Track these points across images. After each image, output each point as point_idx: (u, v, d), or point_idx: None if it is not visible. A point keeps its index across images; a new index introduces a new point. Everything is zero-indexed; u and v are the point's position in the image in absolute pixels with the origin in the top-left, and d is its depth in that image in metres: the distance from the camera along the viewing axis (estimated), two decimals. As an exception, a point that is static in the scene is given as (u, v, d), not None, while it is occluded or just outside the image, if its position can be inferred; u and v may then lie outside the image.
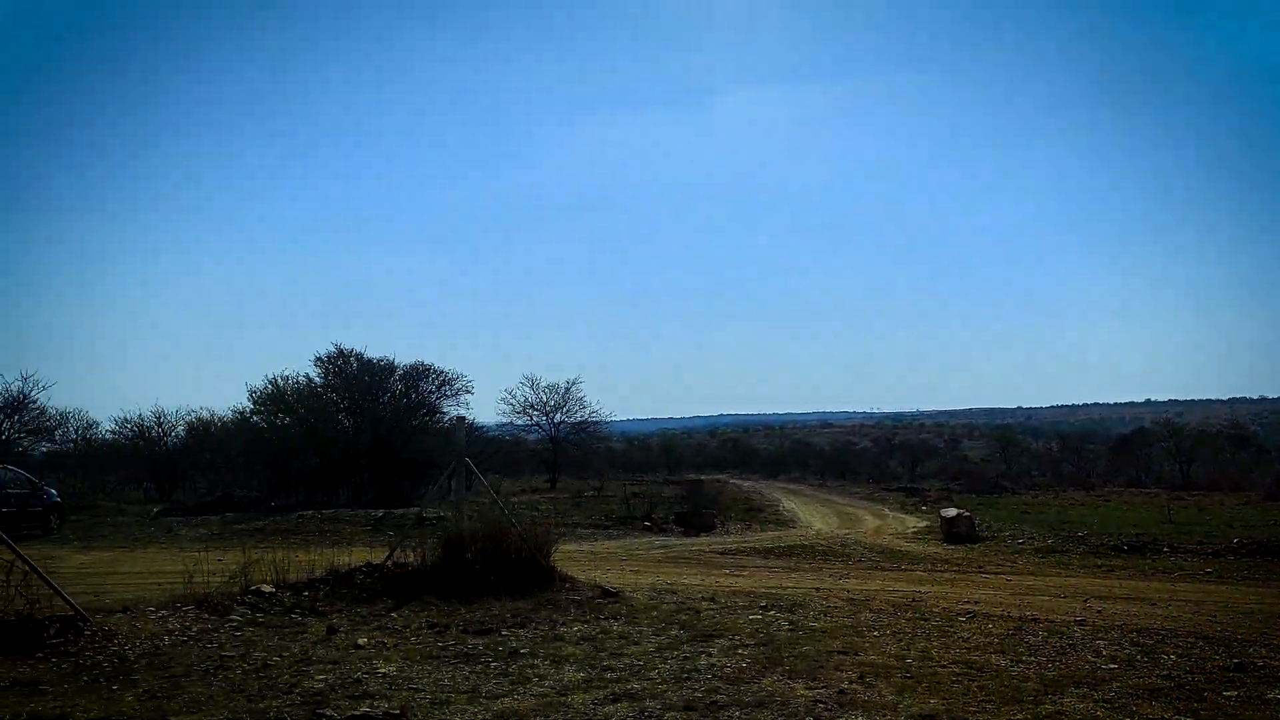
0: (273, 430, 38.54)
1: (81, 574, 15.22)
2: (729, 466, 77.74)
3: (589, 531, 27.42)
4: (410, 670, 7.22)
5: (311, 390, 39.25)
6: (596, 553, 21.46)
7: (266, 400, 38.86)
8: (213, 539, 23.30)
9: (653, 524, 29.33)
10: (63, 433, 46.25)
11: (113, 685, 6.75)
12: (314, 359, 39.78)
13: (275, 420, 38.80)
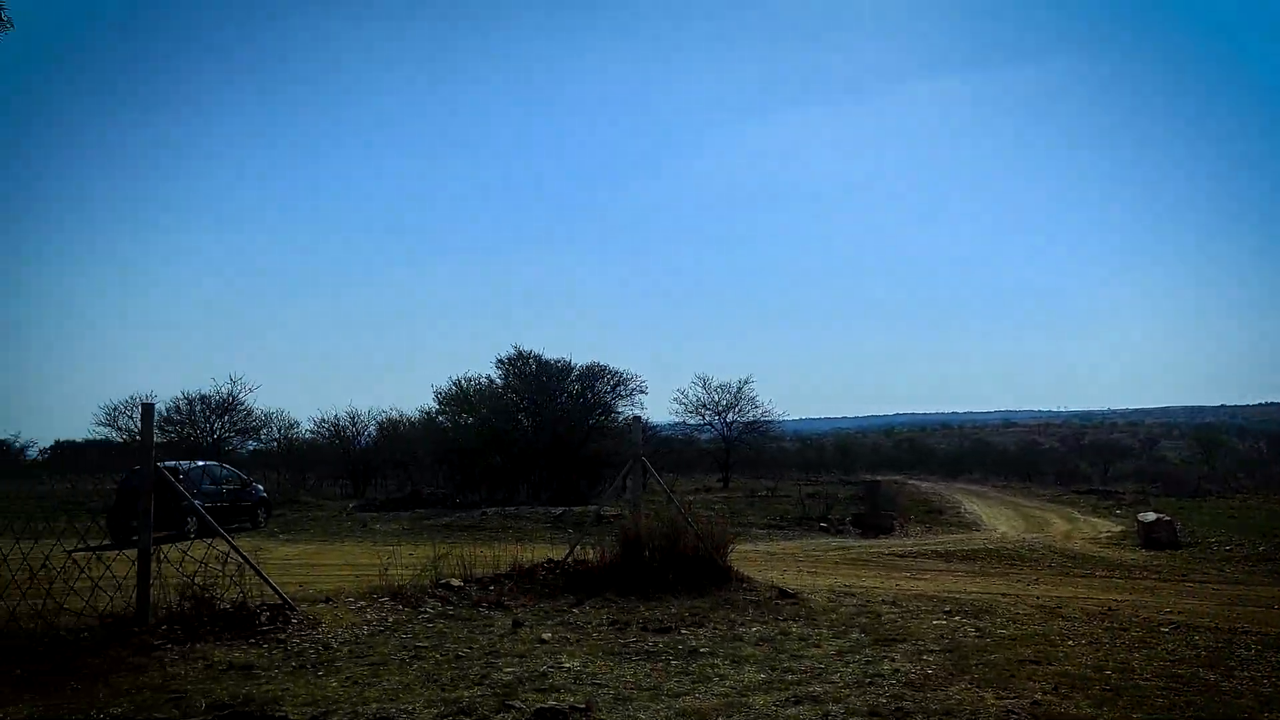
0: (456, 430, 40.10)
1: (287, 565, 16.22)
2: (906, 467, 75.82)
3: (764, 531, 27.29)
4: (593, 666, 7.36)
5: (493, 391, 40.62)
6: (772, 553, 21.34)
7: (451, 401, 40.47)
8: (404, 534, 24.41)
9: (829, 525, 28.93)
10: (267, 432, 49.46)
11: (318, 671, 7.17)
12: (495, 361, 41.21)
13: (459, 420, 40.35)
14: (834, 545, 24.41)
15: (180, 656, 7.60)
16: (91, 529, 19.02)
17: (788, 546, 23.72)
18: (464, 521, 27.33)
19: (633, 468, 12.40)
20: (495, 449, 39.02)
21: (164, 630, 8.22)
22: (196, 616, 8.53)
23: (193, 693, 6.48)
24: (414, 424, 46.40)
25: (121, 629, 8.14)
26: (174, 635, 8.15)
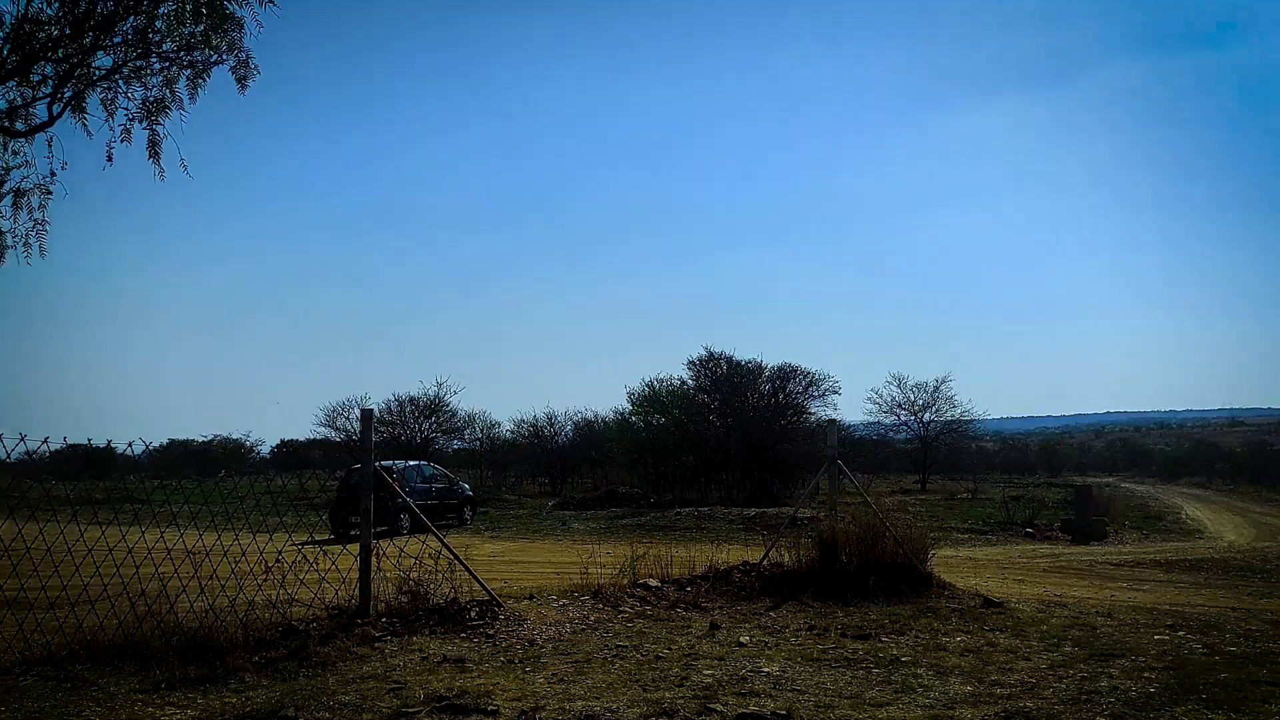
0: (649, 430, 40.68)
1: (492, 562, 16.89)
2: (1118, 469, 71.69)
3: (965, 536, 26.40)
4: (792, 671, 7.33)
5: (684, 392, 41.01)
6: (975, 559, 20.62)
7: (643, 402, 41.09)
8: (601, 532, 24.96)
9: (1035, 530, 27.70)
10: (470, 432, 51.63)
11: (525, 667, 7.44)
12: (686, 362, 41.58)
13: (651, 421, 40.92)
14: (1041, 552, 23.35)
15: (399, 648, 8.05)
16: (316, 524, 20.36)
17: (991, 553, 22.86)
18: (658, 521, 27.69)
19: (828, 469, 12.27)
20: (687, 449, 39.36)
21: (383, 623, 8.73)
22: (413, 610, 9.01)
23: (411, 684, 6.86)
24: (608, 424, 47.38)
25: (346, 620, 8.69)
26: (392, 628, 8.64)
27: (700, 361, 41.02)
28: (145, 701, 6.60)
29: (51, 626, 8.13)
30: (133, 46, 6.16)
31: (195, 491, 12.31)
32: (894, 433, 54.52)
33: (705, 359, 40.90)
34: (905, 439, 54.63)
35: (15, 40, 5.73)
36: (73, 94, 6.11)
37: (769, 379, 40.72)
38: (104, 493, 23.87)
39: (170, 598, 8.29)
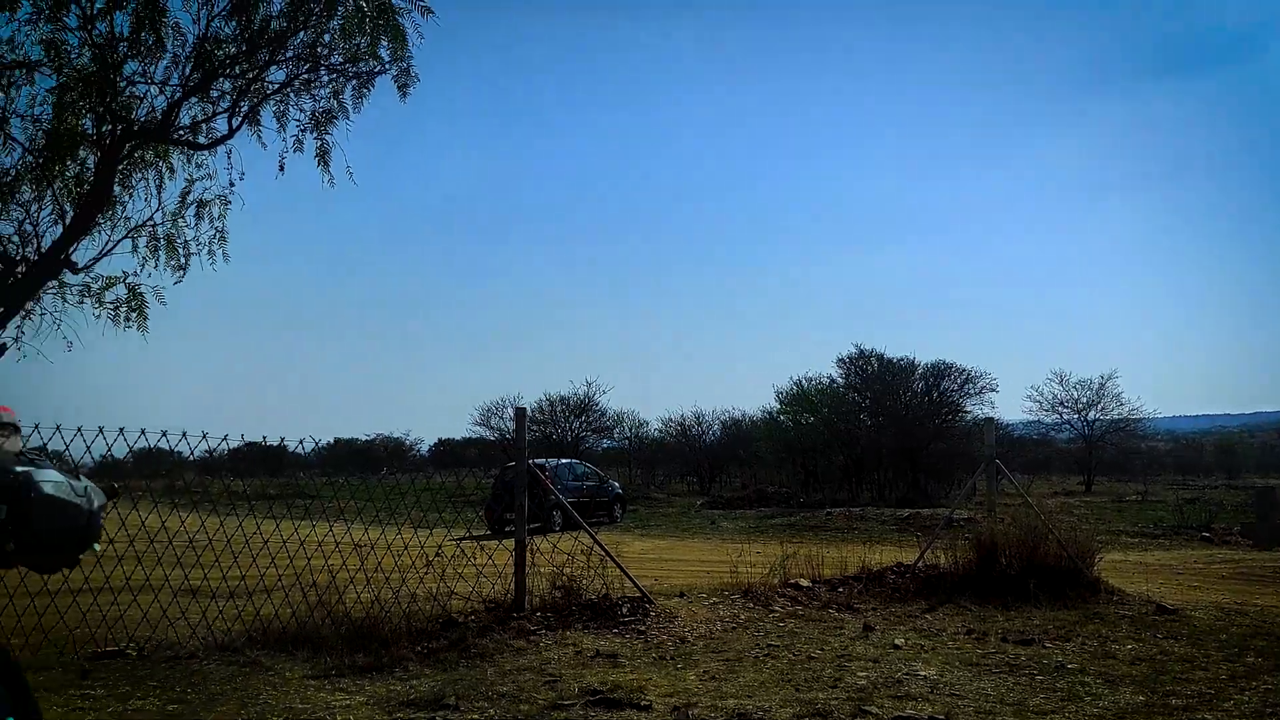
0: (798, 429, 40.30)
1: (642, 559, 17.03)
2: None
3: (1134, 540, 25.14)
4: (950, 675, 7.14)
5: (834, 390, 40.45)
6: (1145, 564, 19.60)
7: (792, 400, 40.75)
8: (750, 531, 24.86)
9: (1212, 535, 26.15)
10: (619, 431, 52.22)
11: (677, 664, 7.48)
12: (835, 360, 41.02)
13: (800, 420, 40.52)
14: (1220, 557, 22.01)
15: (553, 642, 8.22)
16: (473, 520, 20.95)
17: (1163, 557, 21.69)
18: (808, 521, 27.39)
19: (986, 469, 11.89)
20: (837, 448, 38.82)
21: (538, 617, 8.92)
22: (566, 605, 9.18)
23: (566, 677, 6.99)
24: (755, 423, 47.16)
25: (502, 614, 8.92)
26: (547, 622, 8.82)
27: (850, 359, 40.42)
28: (317, 687, 6.93)
29: (231, 614, 8.63)
30: (303, 60, 6.50)
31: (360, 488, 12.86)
32: (1056, 432, 52.37)
33: (855, 357, 40.28)
34: (1068, 439, 52.41)
35: (197, 59, 6.12)
36: (249, 108, 6.49)
37: (922, 376, 39.76)
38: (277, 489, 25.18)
39: (339, 589, 8.68)
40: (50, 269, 5.75)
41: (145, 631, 8.23)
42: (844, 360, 40.55)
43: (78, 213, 5.84)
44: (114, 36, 5.85)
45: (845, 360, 40.52)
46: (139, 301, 6.44)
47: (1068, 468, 53.44)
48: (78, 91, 5.90)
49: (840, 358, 40.69)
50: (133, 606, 8.40)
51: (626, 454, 53.52)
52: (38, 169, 5.74)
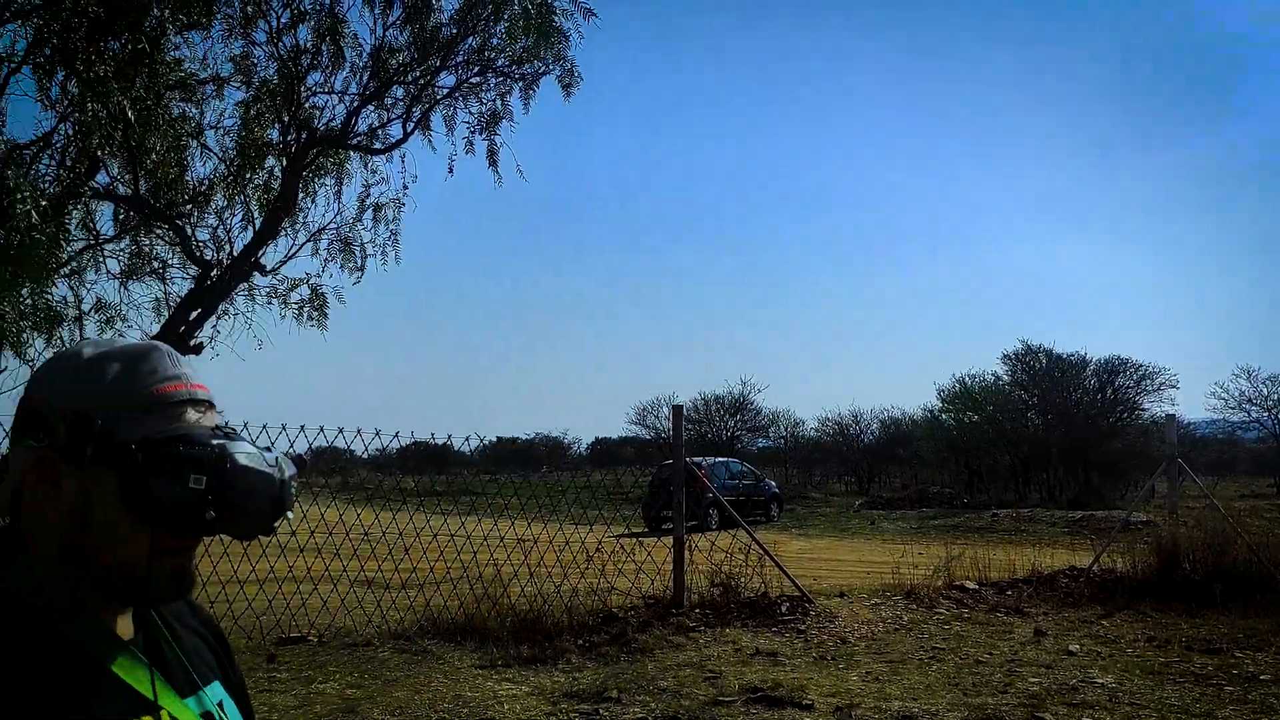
0: (960, 428, 39.11)
1: (800, 559, 16.86)
2: None
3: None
4: (1130, 684, 6.79)
5: (998, 387, 39.08)
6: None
7: (954, 398, 39.58)
8: (911, 532, 24.29)
9: None
10: (774, 430, 51.86)
11: (838, 664, 7.38)
12: (1000, 356, 39.64)
13: (963, 418, 39.32)
14: None
15: (712, 639, 8.23)
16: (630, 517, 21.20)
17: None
18: (973, 522, 26.54)
19: (1166, 470, 11.27)
20: (1002, 448, 37.50)
21: (696, 614, 8.95)
22: (724, 603, 9.18)
23: (726, 674, 6.99)
24: (916, 422, 46.01)
25: (661, 610, 8.99)
26: (705, 619, 8.84)
27: (1016, 355, 38.91)
28: (484, 676, 7.14)
29: (403, 605, 9.00)
30: (471, 65, 6.75)
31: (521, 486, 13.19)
32: (1242, 431, 49.09)
33: (1022, 353, 38.73)
34: (1256, 438, 49.07)
35: (373, 68, 6.43)
36: (421, 114, 6.77)
37: (1094, 373, 37.94)
38: (443, 485, 26.09)
39: (503, 582, 8.93)
40: (241, 272, 6.15)
41: (325, 619, 8.67)
42: (1009, 356, 39.10)
43: (266, 218, 6.23)
44: (298, 49, 6.23)
45: (1011, 356, 39.06)
46: (320, 301, 6.82)
47: (1256, 469, 50.02)
48: (265, 103, 6.29)
49: (1005, 354, 39.25)
50: (313, 596, 8.86)
51: (782, 453, 53.05)
52: (230, 178, 6.15)
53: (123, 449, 1.03)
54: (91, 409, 1.05)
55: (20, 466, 1.07)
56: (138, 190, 5.52)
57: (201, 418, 1.10)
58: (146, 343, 1.14)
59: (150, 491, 1.02)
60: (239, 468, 1.04)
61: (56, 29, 4.23)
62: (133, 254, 6.34)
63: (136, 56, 4.45)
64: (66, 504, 1.05)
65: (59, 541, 1.06)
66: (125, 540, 1.05)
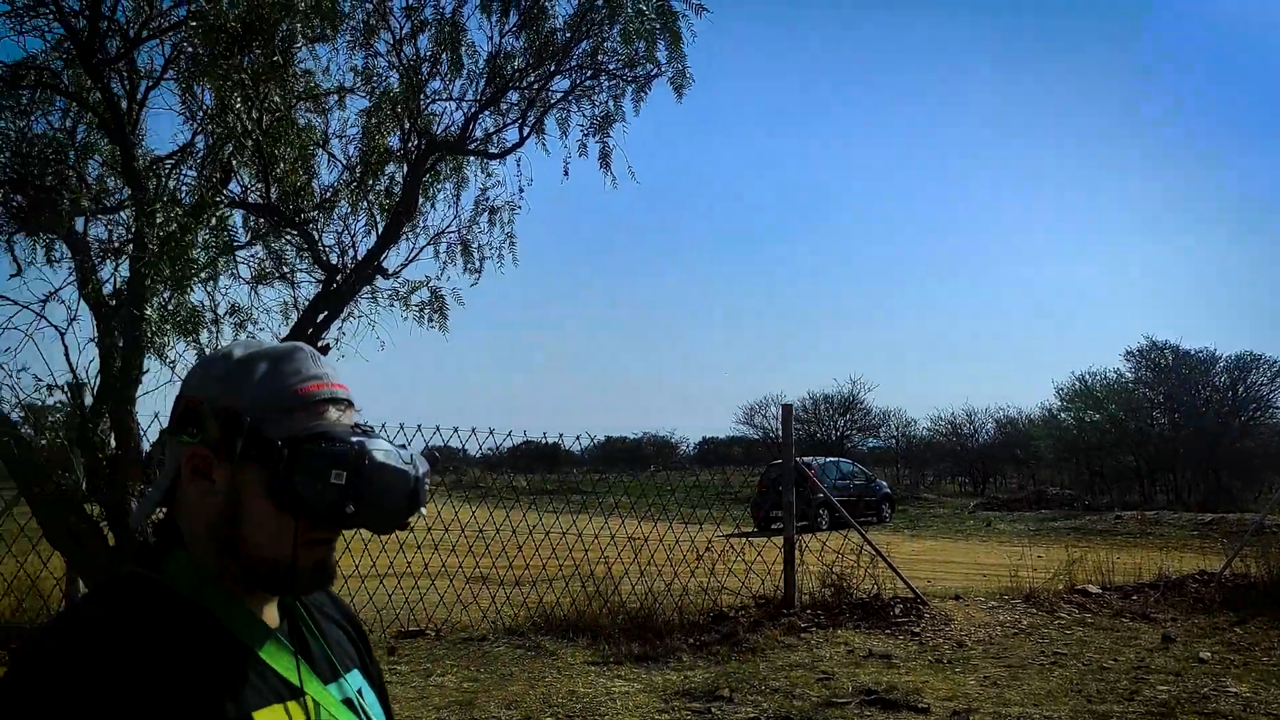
0: (1080, 427, 37.87)
1: (913, 560, 16.55)
2: None
3: None
4: (1267, 694, 6.49)
5: (1121, 385, 37.70)
6: None
7: (1074, 397, 38.36)
8: (1028, 535, 23.62)
9: None
10: (885, 429, 51.03)
11: (955, 668, 7.24)
12: (1123, 353, 38.24)
13: (1083, 417, 38.07)
14: None
15: (824, 640, 8.16)
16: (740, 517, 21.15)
17: None
18: (1094, 525, 25.67)
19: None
20: (1125, 448, 36.14)
21: (808, 614, 8.89)
22: (836, 604, 9.09)
23: (839, 675, 6.93)
24: (1033, 421, 44.71)
25: (772, 610, 8.96)
26: (816, 620, 8.77)
27: (1140, 352, 37.44)
28: (597, 673, 7.23)
29: (517, 601, 9.16)
30: (585, 69, 6.86)
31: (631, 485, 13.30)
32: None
33: (1146, 349, 37.28)
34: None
35: (490, 75, 6.59)
36: (535, 118, 6.91)
37: (1225, 370, 36.28)
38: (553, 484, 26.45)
39: (614, 580, 9.02)
40: (365, 275, 6.36)
41: (442, 614, 8.89)
42: (1133, 353, 37.64)
43: (387, 223, 6.43)
44: (418, 58, 6.42)
45: (1135, 353, 37.61)
46: (440, 303, 6.98)
47: None
48: (386, 112, 6.50)
49: (1129, 350, 37.83)
50: (430, 591, 9.10)
51: (893, 453, 52.17)
52: (353, 184, 6.38)
53: (270, 446, 1.09)
54: (241, 408, 1.12)
55: (176, 459, 1.15)
56: (268, 198, 5.75)
57: (341, 416, 1.15)
58: (291, 344, 1.20)
59: (295, 487, 1.08)
60: (377, 464, 1.10)
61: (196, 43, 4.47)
62: (263, 259, 6.62)
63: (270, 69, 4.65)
64: (218, 497, 1.12)
65: (211, 532, 1.12)
66: (272, 532, 1.11)
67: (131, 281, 4.62)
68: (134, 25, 5.04)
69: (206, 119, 4.93)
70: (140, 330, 4.55)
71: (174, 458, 1.15)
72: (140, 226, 4.37)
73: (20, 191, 5.31)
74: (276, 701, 1.11)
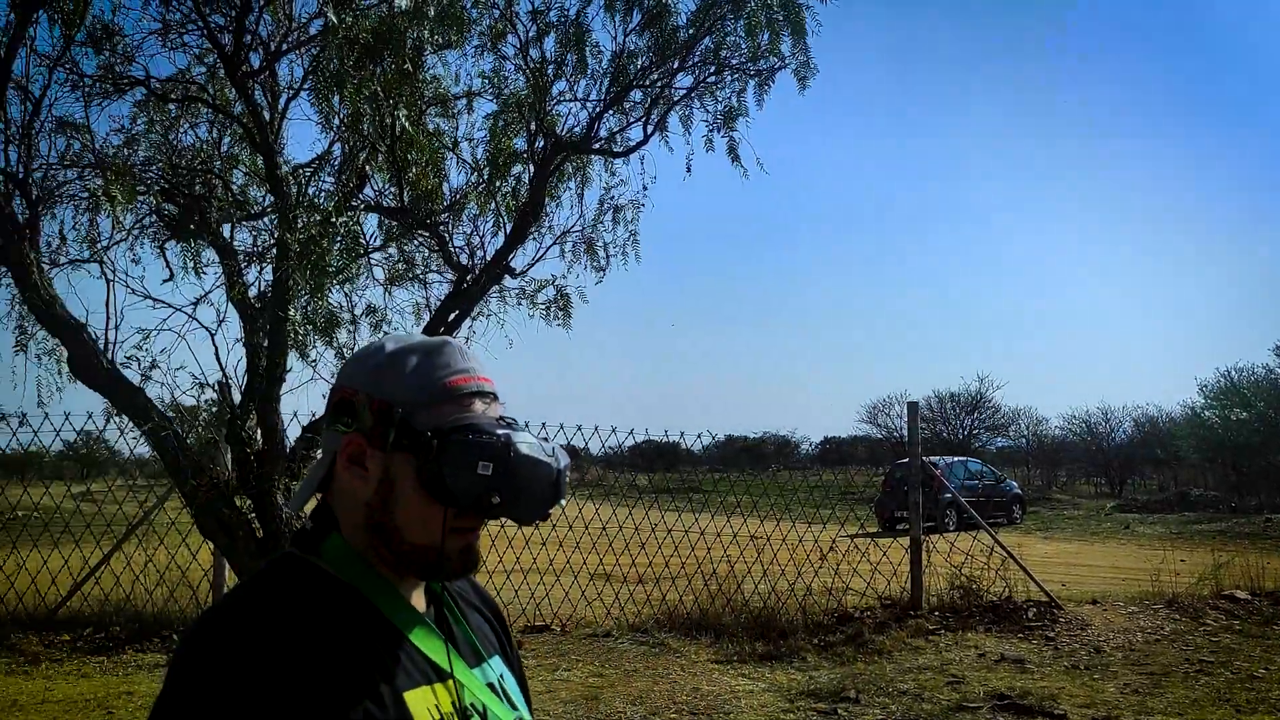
0: (1227, 426, 36.03)
1: (1046, 563, 16.02)
2: None
3: None
4: None
5: (1270, 381, 35.72)
6: None
7: (1219, 394, 36.54)
8: (1170, 538, 22.60)
9: None
10: (1015, 429, 49.53)
11: (1093, 674, 6.98)
12: (1273, 347, 36.20)
13: (1229, 416, 36.21)
14: None
15: (953, 643, 7.98)
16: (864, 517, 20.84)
17: None
18: (1242, 528, 24.39)
19: None
20: (1276, 448, 34.22)
21: (936, 616, 8.70)
22: (965, 606, 8.87)
23: (970, 679, 6.76)
24: (1174, 420, 42.76)
25: (899, 612, 8.79)
26: (945, 622, 8.58)
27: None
28: (720, 671, 7.23)
29: (640, 598, 9.22)
30: (707, 65, 6.88)
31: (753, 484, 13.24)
32: None
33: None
34: None
35: (614, 74, 6.67)
36: (659, 116, 6.95)
37: (1390, 364, 34.02)
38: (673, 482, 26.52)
39: (737, 578, 9.00)
40: (494, 275, 6.51)
41: (566, 610, 9.01)
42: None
43: (515, 223, 6.56)
44: (544, 60, 6.54)
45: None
46: (565, 301, 7.09)
47: None
48: (513, 114, 6.65)
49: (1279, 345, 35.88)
50: (555, 587, 9.24)
51: (1024, 453, 50.63)
52: (481, 186, 6.53)
53: (420, 436, 1.14)
54: (393, 399, 1.16)
55: (332, 448, 1.20)
56: (401, 201, 5.94)
57: (488, 409, 1.19)
58: (440, 338, 1.24)
59: (443, 477, 1.12)
60: (522, 456, 1.13)
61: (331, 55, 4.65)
62: (396, 261, 6.84)
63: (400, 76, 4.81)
64: (371, 484, 1.17)
65: (365, 518, 1.17)
66: (421, 519, 1.15)
67: (275, 284, 4.85)
68: (274, 39, 5.29)
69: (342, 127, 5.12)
70: (283, 331, 4.77)
71: (330, 446, 1.21)
72: (282, 231, 4.58)
73: (171, 201, 5.62)
74: (425, 683, 1.15)
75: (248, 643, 1.04)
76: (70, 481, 14.58)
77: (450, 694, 1.16)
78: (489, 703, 1.21)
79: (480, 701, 1.20)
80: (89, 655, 7.80)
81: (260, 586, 1.15)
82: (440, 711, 1.14)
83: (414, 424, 1.14)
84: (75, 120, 5.40)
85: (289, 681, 1.03)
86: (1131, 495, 37.67)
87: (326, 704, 1.03)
